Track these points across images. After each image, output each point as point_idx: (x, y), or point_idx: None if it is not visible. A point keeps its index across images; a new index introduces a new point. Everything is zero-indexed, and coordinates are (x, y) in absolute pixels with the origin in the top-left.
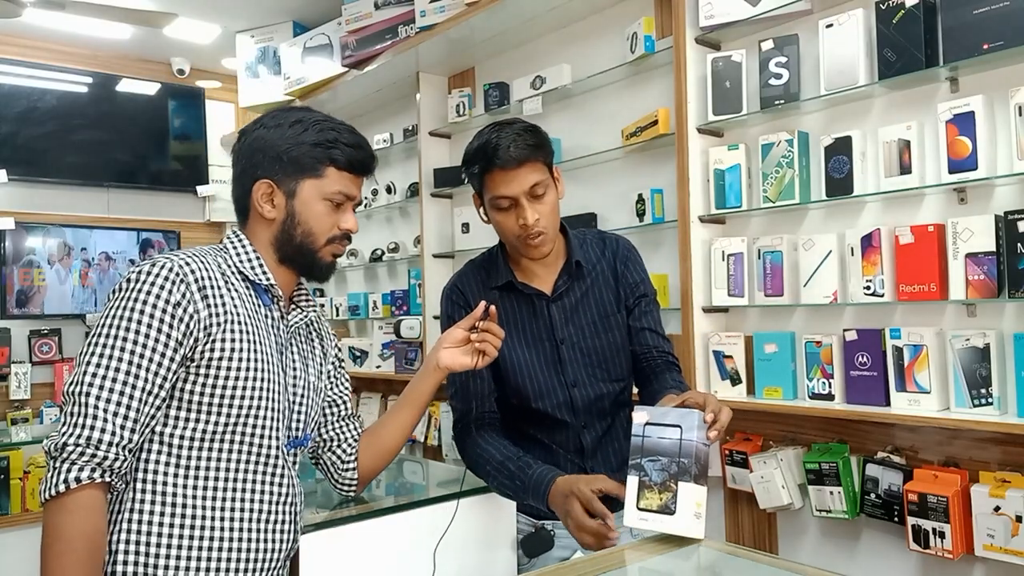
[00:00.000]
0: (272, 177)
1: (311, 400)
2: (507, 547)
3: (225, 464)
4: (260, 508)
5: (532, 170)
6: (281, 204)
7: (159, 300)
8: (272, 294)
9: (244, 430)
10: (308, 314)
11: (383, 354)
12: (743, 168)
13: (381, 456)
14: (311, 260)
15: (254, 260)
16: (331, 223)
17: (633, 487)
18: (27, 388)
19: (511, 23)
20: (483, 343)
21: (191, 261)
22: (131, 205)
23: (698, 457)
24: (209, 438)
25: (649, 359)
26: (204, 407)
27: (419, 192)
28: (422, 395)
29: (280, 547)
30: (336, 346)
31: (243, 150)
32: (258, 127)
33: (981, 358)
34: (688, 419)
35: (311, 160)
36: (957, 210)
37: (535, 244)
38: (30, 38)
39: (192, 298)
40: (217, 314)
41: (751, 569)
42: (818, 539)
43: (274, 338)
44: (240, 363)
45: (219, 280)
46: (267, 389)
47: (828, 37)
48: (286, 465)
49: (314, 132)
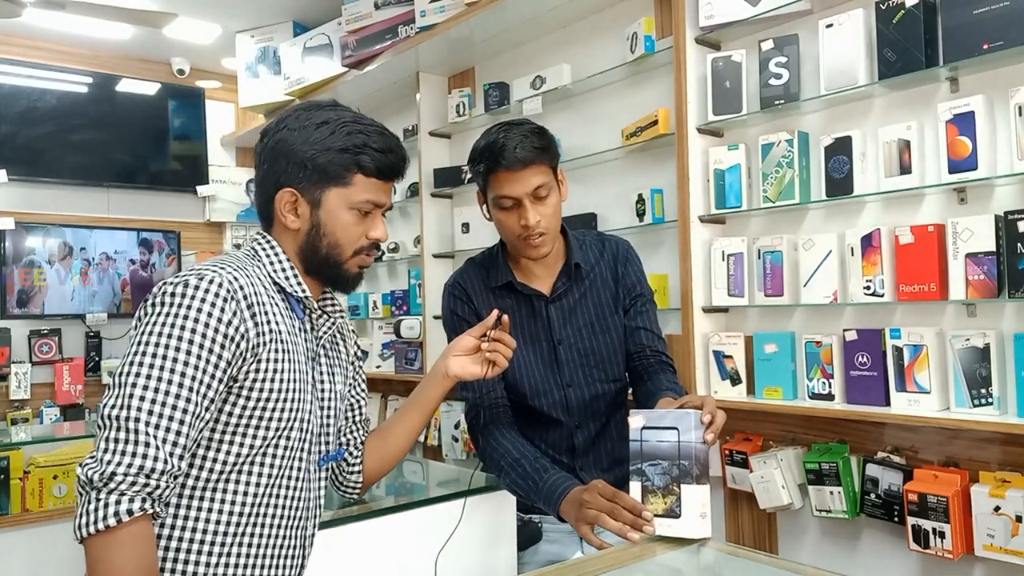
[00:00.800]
0: (296, 185)
1: (338, 410)
2: (508, 547)
3: (254, 487)
4: (287, 532)
5: (536, 172)
6: (305, 214)
7: (211, 319)
8: (306, 306)
9: (276, 451)
10: (336, 321)
11: (383, 354)
12: (743, 168)
13: (386, 460)
14: (337, 272)
15: (288, 271)
16: (359, 233)
17: (636, 492)
18: (27, 388)
19: (511, 23)
20: (494, 353)
21: (239, 276)
22: (131, 205)
23: (698, 458)
24: (243, 460)
25: (642, 358)
26: (242, 428)
27: (419, 192)
28: (430, 401)
29: (301, 566)
30: (356, 343)
31: (265, 153)
32: (282, 128)
33: (981, 358)
34: (684, 420)
35: (337, 167)
36: (957, 210)
37: (535, 245)
38: (30, 38)
39: (243, 316)
40: (264, 332)
41: (751, 569)
42: (818, 539)
43: (309, 354)
44: (279, 384)
45: (264, 296)
46: (300, 409)
47: (828, 37)
48: (310, 482)
49: (341, 136)
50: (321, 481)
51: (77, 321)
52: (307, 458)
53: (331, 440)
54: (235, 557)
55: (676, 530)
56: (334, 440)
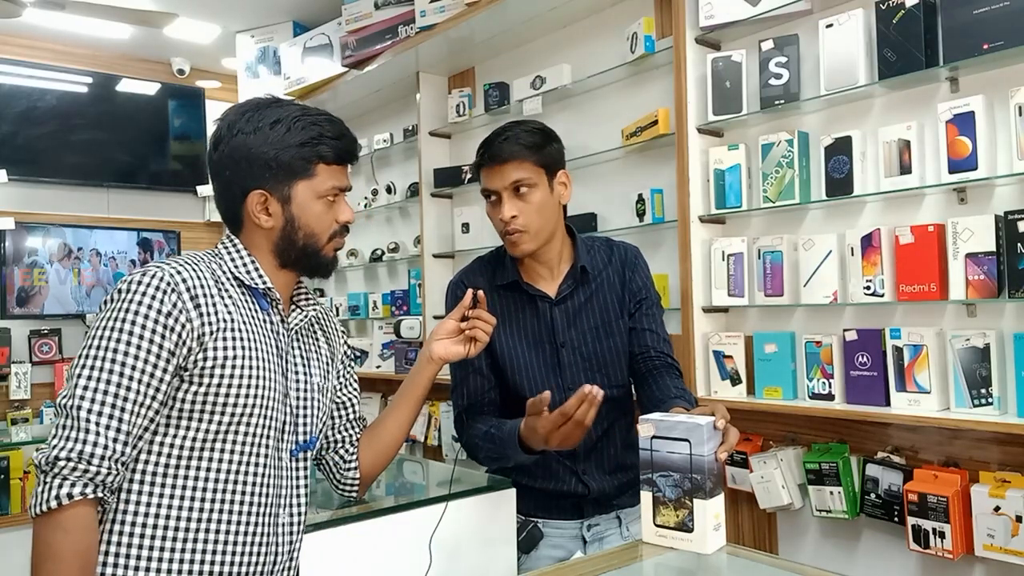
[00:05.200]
0: (264, 186)
1: (318, 401)
2: (508, 546)
3: (215, 474)
4: (250, 519)
5: (518, 168)
6: (278, 212)
7: (151, 311)
8: (270, 298)
9: (236, 437)
10: (308, 313)
11: (383, 354)
12: (743, 168)
13: (382, 454)
14: (316, 260)
15: (249, 265)
16: (330, 219)
17: (648, 503)
18: (27, 388)
19: (511, 23)
20: (473, 330)
21: (182, 269)
22: (131, 205)
23: (711, 471)
24: (200, 446)
25: (647, 359)
26: (196, 414)
27: (419, 192)
28: (418, 387)
29: (275, 556)
30: (346, 343)
31: (224, 161)
32: (235, 134)
33: (981, 358)
34: (696, 433)
35: (300, 161)
36: (957, 210)
37: (513, 241)
38: (30, 38)
39: (184, 307)
40: (210, 322)
41: (751, 569)
42: (818, 539)
43: (273, 342)
44: (234, 370)
45: (212, 287)
46: (262, 396)
47: (828, 37)
48: (281, 470)
49: (297, 131)
50: (300, 471)
51: (77, 321)
52: (275, 445)
53: (309, 431)
54: (201, 544)
55: (688, 545)
56: (314, 431)
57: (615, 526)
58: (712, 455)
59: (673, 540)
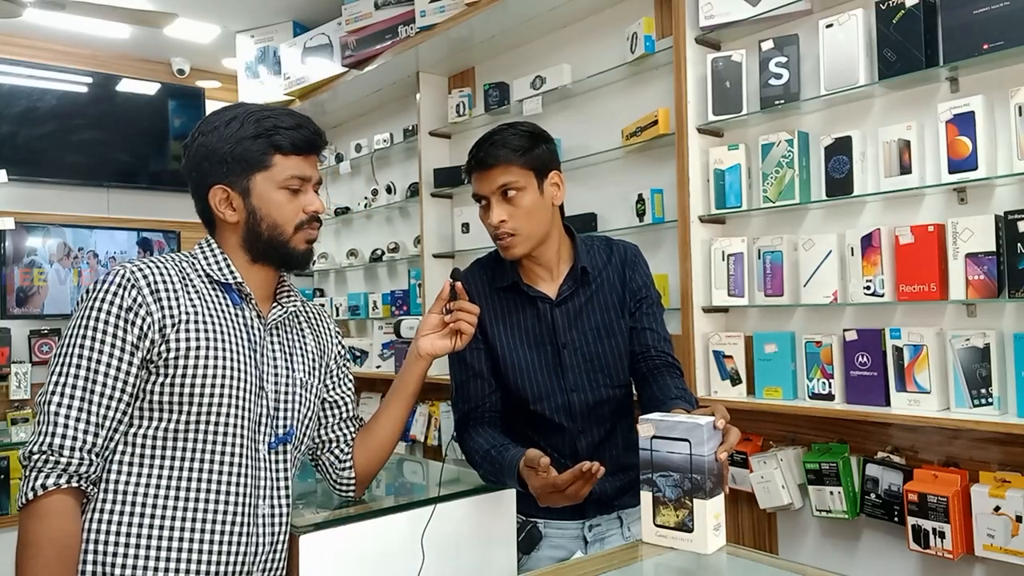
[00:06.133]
0: (223, 181)
1: (299, 396)
2: (508, 546)
3: (189, 464)
4: (227, 508)
5: (505, 172)
6: (240, 205)
7: (112, 307)
8: (241, 292)
9: (207, 428)
10: (287, 309)
11: (383, 354)
12: (743, 168)
13: (377, 452)
14: (285, 252)
15: (221, 261)
16: (295, 209)
17: (648, 502)
18: (27, 388)
19: (511, 23)
20: (457, 322)
21: (144, 266)
22: (131, 205)
23: (711, 471)
24: (172, 436)
25: (647, 358)
26: (165, 405)
27: (419, 192)
28: (409, 385)
29: (256, 548)
30: (340, 343)
31: (189, 164)
32: (197, 137)
33: (981, 358)
34: (696, 433)
35: (255, 153)
36: (957, 210)
37: (504, 245)
38: (30, 38)
39: (144, 301)
40: (172, 315)
41: (751, 569)
42: (818, 539)
43: (245, 335)
44: (198, 360)
45: (176, 283)
46: (232, 387)
47: (828, 37)
48: (260, 461)
49: (251, 125)
50: (280, 464)
51: None
52: (252, 437)
53: (290, 424)
54: (179, 532)
55: (688, 545)
56: (294, 425)
57: (616, 526)
58: (712, 455)
59: (673, 540)
